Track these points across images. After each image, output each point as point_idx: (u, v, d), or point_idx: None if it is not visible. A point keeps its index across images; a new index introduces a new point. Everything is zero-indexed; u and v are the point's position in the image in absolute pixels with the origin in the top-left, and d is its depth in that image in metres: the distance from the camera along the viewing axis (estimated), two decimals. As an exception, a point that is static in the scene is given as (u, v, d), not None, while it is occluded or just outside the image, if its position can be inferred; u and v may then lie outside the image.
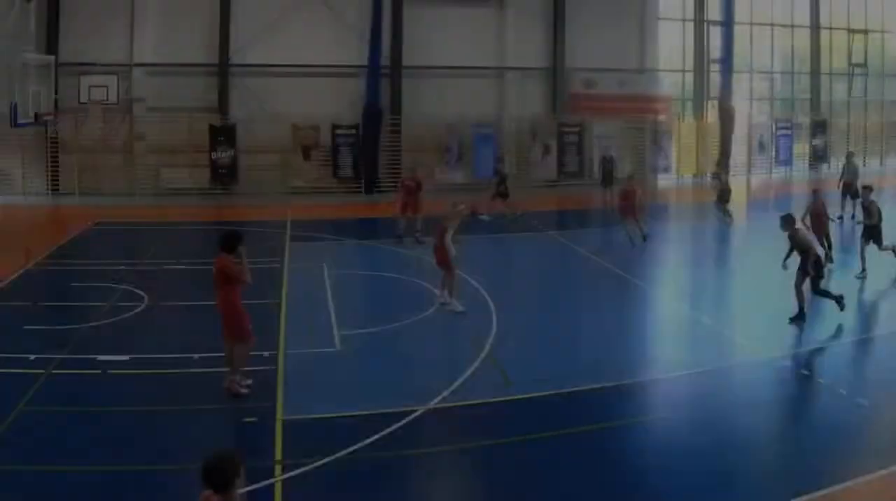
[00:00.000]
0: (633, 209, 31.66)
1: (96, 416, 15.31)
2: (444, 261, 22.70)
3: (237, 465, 7.62)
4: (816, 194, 27.64)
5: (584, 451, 14.25)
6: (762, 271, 24.96)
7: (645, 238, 31.40)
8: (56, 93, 41.34)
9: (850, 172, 37.13)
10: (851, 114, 58.82)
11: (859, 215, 29.48)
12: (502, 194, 37.72)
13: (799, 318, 21.17)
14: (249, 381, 16.75)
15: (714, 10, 53.64)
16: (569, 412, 15.96)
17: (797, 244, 21.43)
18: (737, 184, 42.93)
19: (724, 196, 36.02)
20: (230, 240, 16.52)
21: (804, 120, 57.20)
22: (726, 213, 35.83)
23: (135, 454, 13.77)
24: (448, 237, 22.46)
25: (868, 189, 27.31)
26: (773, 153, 55.46)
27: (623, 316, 22.83)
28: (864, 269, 25.83)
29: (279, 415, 15.38)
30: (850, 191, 35.84)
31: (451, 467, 14.11)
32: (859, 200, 31.00)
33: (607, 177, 41.30)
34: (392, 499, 12.77)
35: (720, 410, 16.16)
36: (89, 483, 12.86)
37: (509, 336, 20.22)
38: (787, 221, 21.64)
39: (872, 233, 26.12)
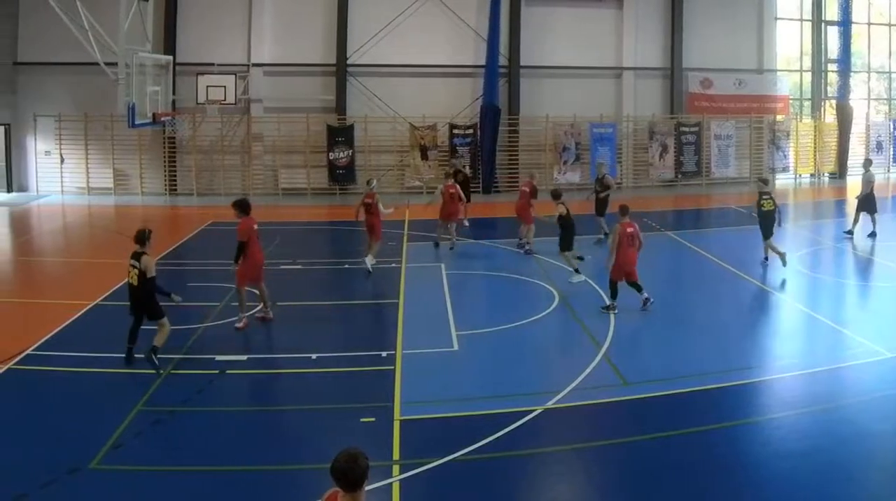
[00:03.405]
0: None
1: (214, 416, 15.13)
2: (376, 229, 25.87)
3: (367, 466, 7.39)
4: None
5: (701, 451, 13.56)
6: (881, 271, 23.82)
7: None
8: (174, 93, 39.87)
9: (865, 182, 31.09)
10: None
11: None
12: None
13: None
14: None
15: (832, 10, 51.21)
16: (685, 412, 15.28)
17: None
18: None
19: (566, 241, 25.14)
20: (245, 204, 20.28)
21: (922, 120, 54.52)
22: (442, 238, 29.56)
23: (252, 454, 13.53)
24: (382, 206, 26.01)
25: (764, 181, 27.39)
26: (891, 153, 52.91)
27: (740, 316, 21.87)
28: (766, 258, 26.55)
29: (397, 415, 14.92)
30: (865, 204, 30.73)
31: (568, 467, 13.46)
32: (876, 215, 30.50)
33: (601, 205, 31.73)
34: (509, 500, 12.35)
35: (837, 410, 15.16)
36: (208, 483, 12.61)
37: (626, 336, 19.74)
38: None
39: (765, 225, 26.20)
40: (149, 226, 17.53)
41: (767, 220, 26.01)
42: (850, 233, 30.61)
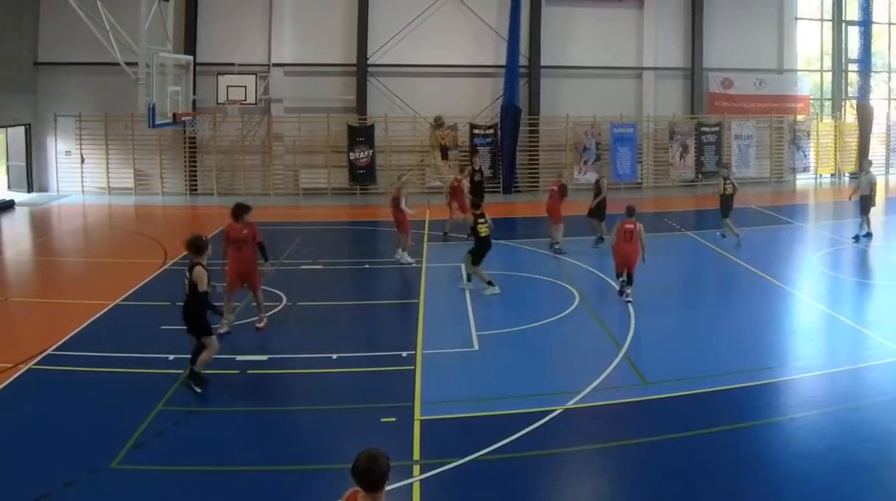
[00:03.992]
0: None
1: (234, 416, 15.15)
2: (402, 223, 26.78)
3: (387, 466, 7.42)
4: None
5: (721, 451, 13.51)
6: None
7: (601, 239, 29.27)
8: (194, 93, 39.89)
9: (865, 183, 31.04)
10: None
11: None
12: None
13: None
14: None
15: (852, 10, 50.86)
16: (706, 412, 15.18)
17: None
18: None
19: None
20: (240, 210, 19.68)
21: (943, 120, 54.15)
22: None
23: (273, 454, 13.54)
24: (403, 202, 26.61)
25: (726, 167, 32.92)
26: (912, 153, 52.71)
27: (760, 315, 21.57)
28: (736, 234, 29.74)
29: (417, 415, 14.90)
30: (866, 205, 30.64)
31: (589, 467, 13.46)
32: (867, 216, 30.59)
33: (596, 208, 30.17)
34: (530, 500, 12.20)
35: (858, 410, 15.07)
36: (228, 482, 12.63)
37: (647, 336, 19.58)
38: None
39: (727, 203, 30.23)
40: (203, 233, 17.44)
41: (729, 202, 30.09)
42: (869, 235, 30.41)
